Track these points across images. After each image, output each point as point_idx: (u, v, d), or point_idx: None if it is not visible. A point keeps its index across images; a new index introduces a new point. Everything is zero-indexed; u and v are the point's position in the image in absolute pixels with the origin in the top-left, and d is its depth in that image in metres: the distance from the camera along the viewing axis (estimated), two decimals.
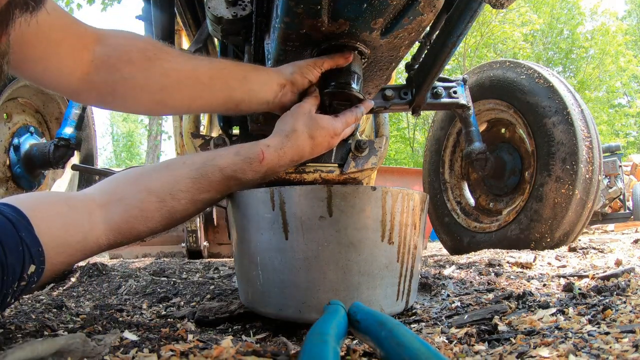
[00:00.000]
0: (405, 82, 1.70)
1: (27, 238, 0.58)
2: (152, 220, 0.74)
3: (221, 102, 0.86)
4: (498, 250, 1.91)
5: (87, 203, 0.71)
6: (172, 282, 1.54)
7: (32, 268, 0.59)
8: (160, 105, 0.82)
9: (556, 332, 0.67)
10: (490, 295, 1.03)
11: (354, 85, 0.89)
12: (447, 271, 1.44)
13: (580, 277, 1.15)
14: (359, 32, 0.83)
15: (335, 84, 0.89)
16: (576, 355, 0.54)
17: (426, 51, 1.57)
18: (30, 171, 1.74)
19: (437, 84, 1.76)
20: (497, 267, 1.43)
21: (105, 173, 2.11)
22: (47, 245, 0.62)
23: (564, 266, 1.41)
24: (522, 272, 1.34)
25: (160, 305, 1.18)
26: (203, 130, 2.27)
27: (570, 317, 0.75)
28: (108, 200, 0.72)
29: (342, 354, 0.62)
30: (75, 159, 1.95)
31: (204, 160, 0.80)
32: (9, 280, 0.56)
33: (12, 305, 1.15)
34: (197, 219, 3.39)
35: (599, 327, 0.66)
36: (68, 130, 1.51)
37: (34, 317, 0.95)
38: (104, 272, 1.75)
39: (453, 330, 0.78)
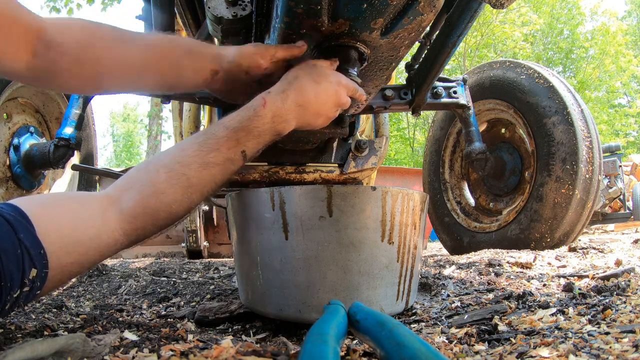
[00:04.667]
0: (405, 82, 1.70)
1: (27, 240, 0.55)
2: (165, 194, 0.69)
3: (154, 86, 0.87)
4: (498, 250, 1.91)
5: (102, 200, 0.67)
6: (172, 282, 1.54)
7: (34, 272, 0.55)
8: (97, 89, 0.84)
9: (556, 332, 0.67)
10: (490, 295, 1.03)
11: (354, 72, 0.90)
12: (447, 271, 1.44)
13: (580, 277, 1.15)
14: (359, 32, 0.83)
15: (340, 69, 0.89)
16: (576, 355, 0.54)
17: (426, 51, 1.57)
18: (30, 171, 1.74)
19: (437, 84, 1.75)
20: (497, 267, 1.43)
21: (105, 173, 2.11)
22: (54, 245, 0.58)
23: (564, 266, 1.41)
24: (522, 272, 1.33)
25: (160, 305, 1.18)
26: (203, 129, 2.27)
27: (570, 317, 0.75)
28: (121, 191, 0.69)
29: (342, 354, 0.62)
30: (75, 159, 1.95)
31: (209, 126, 0.79)
32: (7, 287, 0.53)
33: None
34: (197, 219, 3.39)
35: (599, 327, 0.66)
36: (68, 130, 1.51)
37: (34, 317, 0.95)
38: (104, 272, 1.75)
39: (453, 330, 0.78)
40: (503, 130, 2.26)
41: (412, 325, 0.88)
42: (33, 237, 0.56)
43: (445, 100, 1.76)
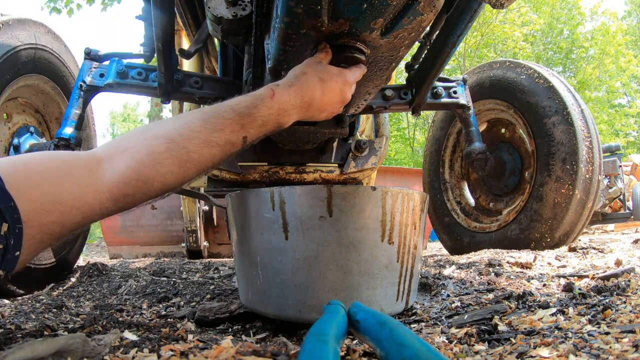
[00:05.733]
0: (405, 82, 1.70)
1: None
2: (162, 164, 0.67)
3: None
4: (498, 250, 1.91)
5: (90, 159, 0.64)
6: (172, 282, 1.54)
7: (5, 227, 0.52)
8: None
9: (556, 332, 0.67)
10: (490, 295, 1.03)
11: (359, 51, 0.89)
12: (447, 271, 1.44)
13: (580, 277, 1.15)
14: (359, 32, 0.83)
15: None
16: (576, 355, 0.54)
17: (426, 51, 1.57)
18: None
19: (437, 84, 1.75)
20: (497, 267, 1.43)
21: None
22: (35, 202, 0.55)
23: (564, 266, 1.41)
24: (522, 272, 1.33)
25: (160, 305, 1.18)
26: None
27: (570, 317, 0.75)
28: (112, 153, 0.66)
29: (342, 354, 0.62)
30: None
31: (214, 105, 0.77)
32: None
33: (12, 305, 1.15)
34: (197, 219, 3.39)
35: (599, 327, 0.66)
36: (68, 130, 1.50)
37: (34, 317, 0.95)
38: (104, 272, 1.75)
39: (453, 330, 0.78)
40: (503, 130, 2.26)
41: (412, 325, 0.88)
42: (1, 190, 0.53)
43: (445, 100, 1.76)
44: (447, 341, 0.72)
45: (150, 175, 0.66)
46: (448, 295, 1.10)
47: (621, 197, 6.07)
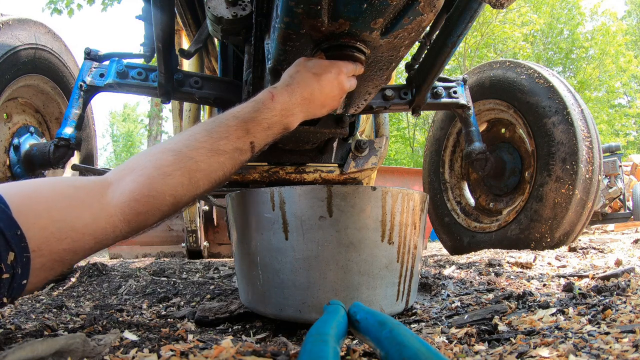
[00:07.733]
0: (405, 82, 1.70)
1: (0, 221, 0.50)
2: (171, 176, 0.66)
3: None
4: (498, 250, 1.91)
5: (99, 183, 0.64)
6: (172, 282, 1.54)
7: (12, 256, 0.50)
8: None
9: (556, 332, 0.67)
10: (490, 295, 1.03)
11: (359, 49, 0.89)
12: (447, 271, 1.44)
13: (580, 277, 1.15)
14: (359, 32, 0.83)
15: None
16: (576, 355, 0.54)
17: (426, 51, 1.57)
18: (30, 171, 1.74)
19: (437, 84, 1.75)
20: (497, 267, 1.43)
21: (105, 173, 2.11)
22: (45, 230, 0.54)
23: (564, 266, 1.41)
24: (522, 272, 1.33)
25: (160, 305, 1.18)
26: None
27: (570, 317, 0.75)
28: (121, 175, 0.66)
29: (342, 354, 0.62)
30: (75, 159, 1.95)
31: (217, 116, 0.78)
32: None
33: (12, 305, 1.15)
34: (197, 219, 3.39)
35: (599, 327, 0.66)
36: (68, 130, 1.50)
37: (34, 317, 0.95)
38: (104, 272, 1.75)
39: (453, 330, 0.78)
40: (503, 130, 2.26)
41: (412, 325, 0.88)
42: (8, 218, 0.51)
43: (445, 100, 1.76)
44: (447, 341, 0.72)
45: (160, 189, 0.65)
46: (448, 295, 1.10)
47: (621, 197, 6.07)
